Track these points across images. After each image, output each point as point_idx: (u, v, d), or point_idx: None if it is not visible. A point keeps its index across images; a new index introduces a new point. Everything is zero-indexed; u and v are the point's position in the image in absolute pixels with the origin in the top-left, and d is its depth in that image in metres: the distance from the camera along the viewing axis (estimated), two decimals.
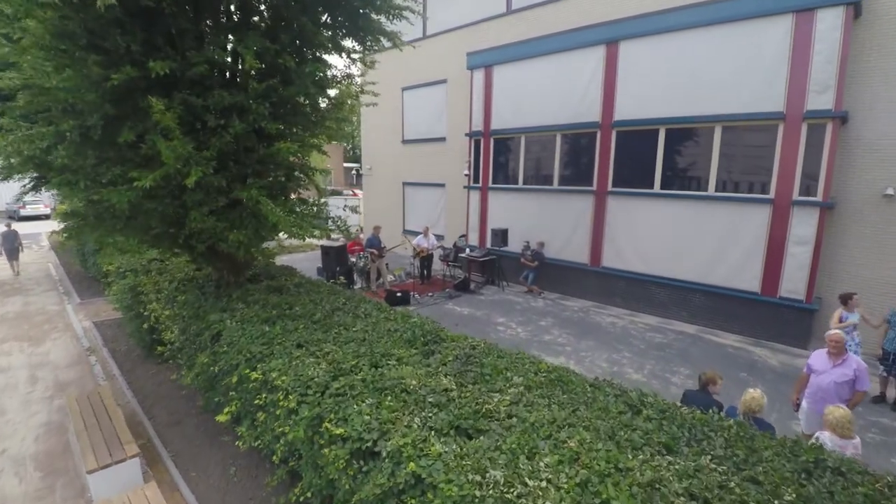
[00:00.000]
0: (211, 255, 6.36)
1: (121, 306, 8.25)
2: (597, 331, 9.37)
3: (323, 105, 7.85)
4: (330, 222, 6.73)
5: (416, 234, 16.87)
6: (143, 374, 7.46)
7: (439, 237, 15.90)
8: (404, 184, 17.49)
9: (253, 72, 6.19)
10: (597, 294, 11.24)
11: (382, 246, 11.83)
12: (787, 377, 7.57)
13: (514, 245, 12.40)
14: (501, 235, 12.00)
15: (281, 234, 6.60)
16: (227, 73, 6.07)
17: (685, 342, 8.97)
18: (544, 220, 11.97)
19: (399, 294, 10.69)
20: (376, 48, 6.97)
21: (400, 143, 17.41)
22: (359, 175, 22.07)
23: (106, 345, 8.69)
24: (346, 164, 50.60)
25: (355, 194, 30.53)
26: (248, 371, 4.48)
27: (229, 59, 5.91)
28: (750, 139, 9.11)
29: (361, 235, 20.30)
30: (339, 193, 40.46)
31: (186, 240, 6.11)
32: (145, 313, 7.10)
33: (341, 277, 9.33)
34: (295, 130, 6.70)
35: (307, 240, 6.86)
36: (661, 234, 10.09)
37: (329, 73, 7.56)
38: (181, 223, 5.93)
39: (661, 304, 10.30)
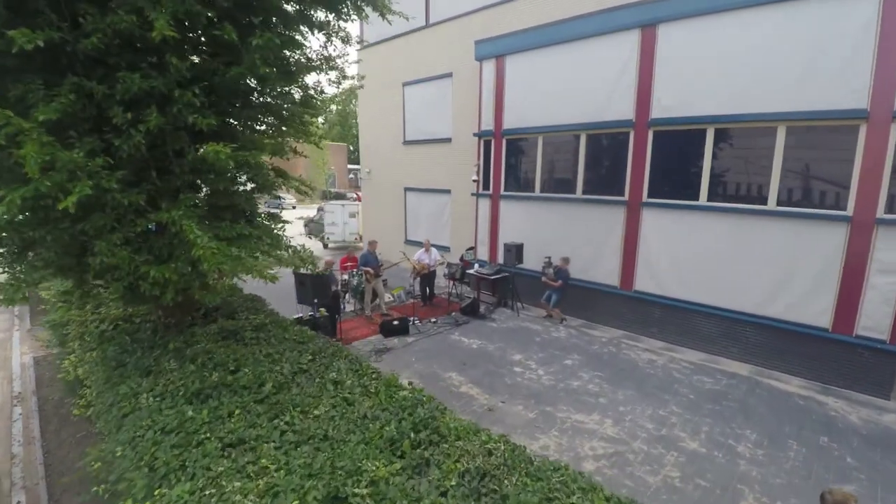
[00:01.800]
0: (134, 296, 4.80)
1: (50, 345, 6.75)
2: (633, 373, 7.73)
3: (296, 94, 6.30)
4: (290, 251, 5.17)
5: (418, 245, 15.33)
6: (68, 438, 5.92)
7: (444, 249, 14.31)
8: (406, 189, 15.92)
9: (200, 54, 4.68)
10: (628, 322, 9.60)
11: (379, 263, 10.26)
12: (876, 443, 5.93)
13: (531, 262, 10.79)
14: (516, 252, 10.39)
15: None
16: (157, 55, 4.50)
17: (741, 389, 7.32)
18: (565, 234, 10.34)
19: (396, 322, 9.12)
20: (355, 18, 5.40)
21: (401, 145, 15.85)
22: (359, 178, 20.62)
23: (39, 391, 7.18)
24: (350, 166, 49.21)
25: (360, 198, 28.97)
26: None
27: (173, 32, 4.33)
28: (822, 143, 7.45)
29: (360, 244, 18.83)
30: (342, 196, 39.02)
31: (99, 275, 4.58)
32: (63, 365, 5.59)
33: (322, 310, 7.75)
34: (246, 127, 5.16)
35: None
36: (708, 255, 8.43)
37: (300, 53, 6.01)
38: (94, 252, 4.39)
39: (706, 337, 8.64)
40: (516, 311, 10.72)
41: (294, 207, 39.42)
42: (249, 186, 6.39)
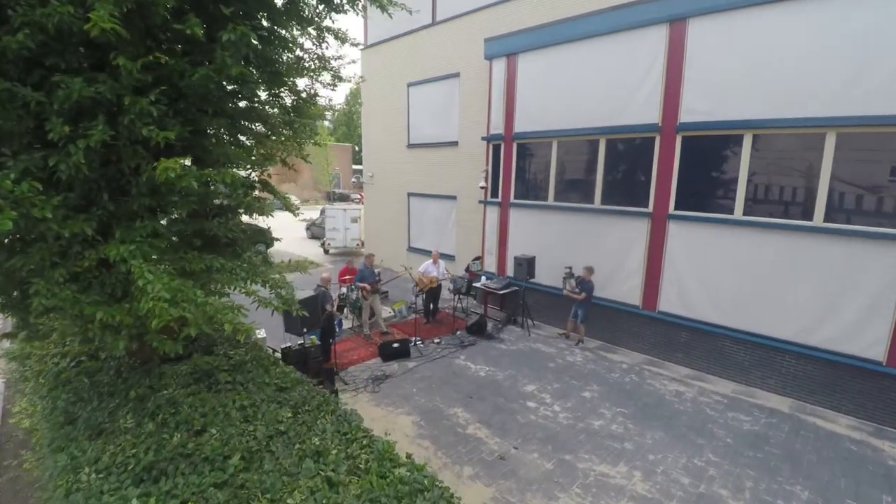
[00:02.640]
0: (85, 338, 4.09)
1: (11, 378, 6.08)
2: (660, 408, 6.94)
3: (287, 99, 5.60)
4: (267, 287, 4.45)
5: (421, 253, 14.61)
6: (23, 489, 5.22)
7: (449, 258, 13.56)
8: (409, 195, 15.17)
9: (166, 53, 3.95)
10: (650, 346, 8.79)
11: (377, 279, 9.51)
12: None
13: (543, 276, 10.02)
14: (527, 266, 9.61)
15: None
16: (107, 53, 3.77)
17: (783, 430, 6.50)
18: (581, 247, 9.54)
19: (396, 344, 8.37)
20: (349, 9, 4.67)
21: (405, 148, 15.09)
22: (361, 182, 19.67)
23: (5, 423, 6.49)
24: (354, 166, 48.61)
25: (363, 199, 28.19)
26: None
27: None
28: (879, 151, 6.60)
29: (363, 250, 18.10)
30: (346, 198, 38.38)
31: (42, 314, 3.88)
32: (14, 410, 4.90)
33: (313, 338, 6.98)
34: (221, 138, 4.43)
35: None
36: (743, 275, 7.61)
37: (289, 53, 5.31)
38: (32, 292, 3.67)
39: (739, 365, 7.82)
40: (527, 329, 9.94)
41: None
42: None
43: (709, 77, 7.66)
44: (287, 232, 24.82)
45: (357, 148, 47.99)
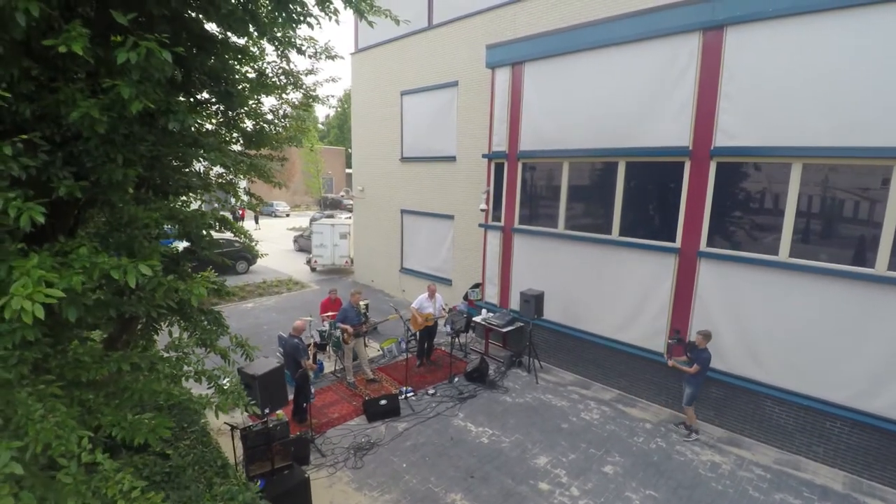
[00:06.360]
0: None
1: None
2: (697, 490, 5.83)
3: (246, 122, 4.50)
4: (203, 380, 3.33)
5: (414, 275, 13.50)
6: None
7: (445, 283, 12.45)
8: (403, 211, 14.01)
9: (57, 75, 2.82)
10: (676, 399, 7.68)
11: (362, 321, 8.33)
12: None
13: (552, 312, 8.93)
14: (535, 303, 8.50)
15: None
16: None
17: None
18: (595, 283, 8.45)
19: (384, 401, 7.20)
20: (317, 17, 3.56)
21: (398, 161, 13.93)
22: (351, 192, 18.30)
23: None
24: (347, 171, 47.37)
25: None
26: None
27: None
28: None
29: (352, 268, 16.88)
30: (338, 204, 37.13)
31: None
32: None
33: (280, 414, 5.72)
34: (140, 193, 3.28)
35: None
36: (789, 327, 6.54)
37: (250, 68, 4.18)
38: None
39: (782, 429, 6.76)
40: (534, 374, 8.81)
41: (287, 216, 37.46)
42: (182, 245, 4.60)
43: (750, 94, 6.58)
44: (273, 244, 23.65)
45: (350, 150, 46.87)
